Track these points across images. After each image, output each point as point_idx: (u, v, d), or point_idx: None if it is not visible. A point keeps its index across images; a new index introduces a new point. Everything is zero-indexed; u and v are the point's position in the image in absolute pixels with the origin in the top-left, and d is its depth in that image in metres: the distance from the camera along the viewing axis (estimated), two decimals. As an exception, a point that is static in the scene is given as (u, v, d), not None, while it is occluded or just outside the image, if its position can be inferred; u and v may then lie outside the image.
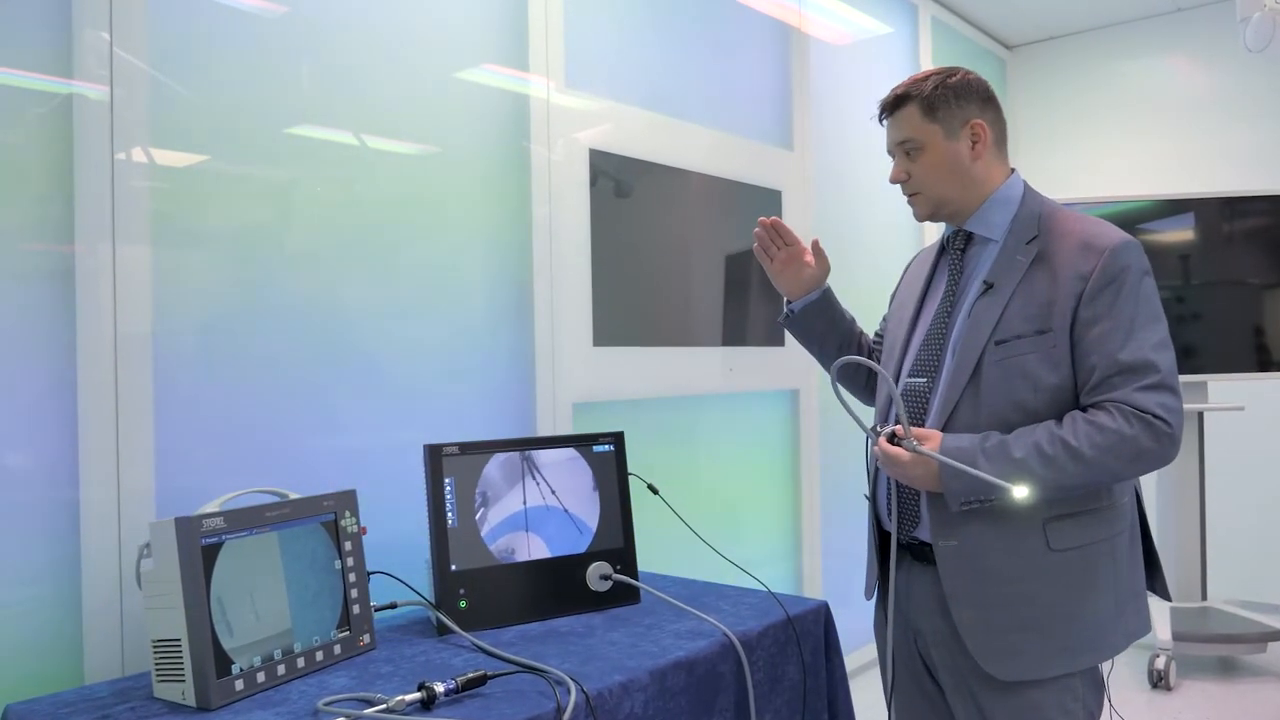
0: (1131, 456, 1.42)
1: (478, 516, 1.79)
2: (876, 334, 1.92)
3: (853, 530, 3.67)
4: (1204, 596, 3.84)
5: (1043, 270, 1.51)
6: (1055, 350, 1.47)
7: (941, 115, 1.57)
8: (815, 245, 1.87)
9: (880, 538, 1.66)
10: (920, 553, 1.58)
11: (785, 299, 1.91)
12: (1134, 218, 3.78)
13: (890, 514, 1.59)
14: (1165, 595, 1.62)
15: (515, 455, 1.85)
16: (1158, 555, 1.61)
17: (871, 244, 3.87)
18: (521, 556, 1.81)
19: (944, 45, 4.47)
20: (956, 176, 1.59)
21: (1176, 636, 3.52)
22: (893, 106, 1.61)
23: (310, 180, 1.97)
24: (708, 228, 2.99)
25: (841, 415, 3.43)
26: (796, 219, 3.31)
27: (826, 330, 1.87)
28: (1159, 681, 3.46)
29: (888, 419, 1.66)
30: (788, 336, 3.24)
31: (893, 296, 1.87)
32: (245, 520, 1.45)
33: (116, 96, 1.65)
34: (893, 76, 4.11)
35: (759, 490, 3.27)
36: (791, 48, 3.42)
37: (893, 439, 1.49)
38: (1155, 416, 1.41)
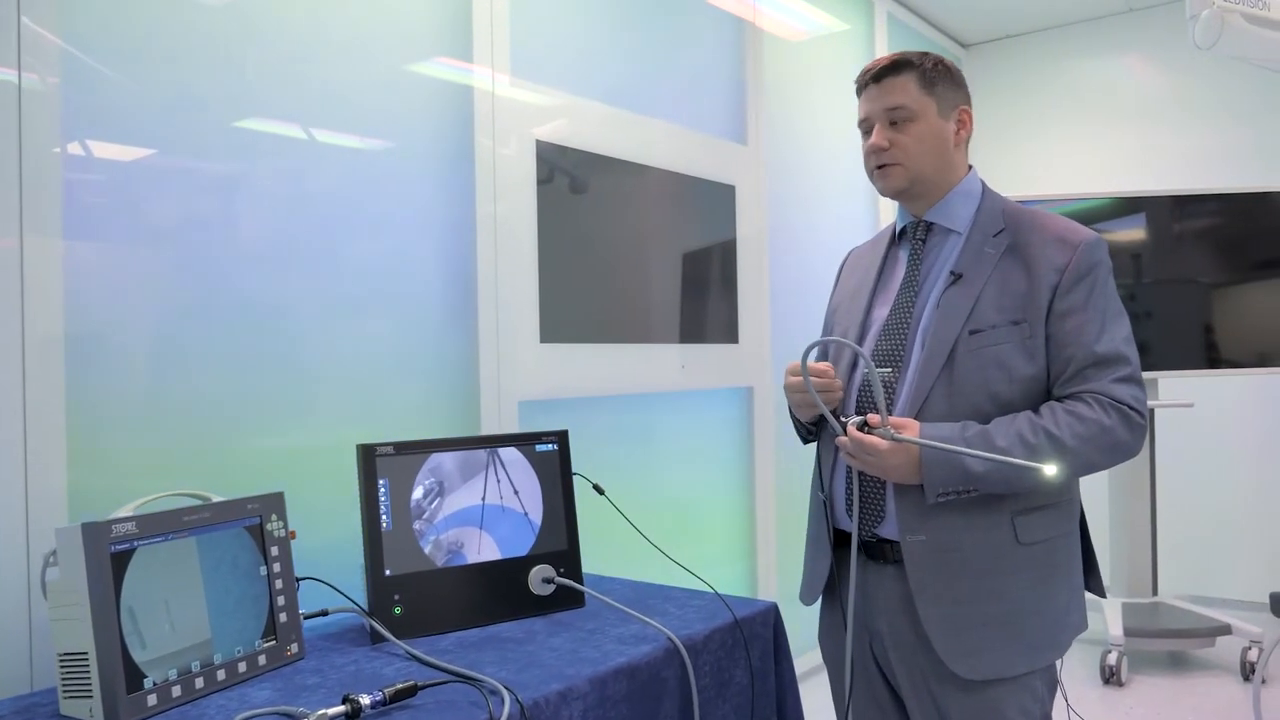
0: (1109, 447, 1.42)
1: (433, 505, 1.72)
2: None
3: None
4: (1154, 592, 3.87)
5: (1015, 262, 1.50)
6: (1031, 340, 1.46)
7: (939, 91, 1.55)
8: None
9: (834, 537, 1.61)
10: (878, 551, 1.54)
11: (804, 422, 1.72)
12: (1087, 216, 3.79)
13: (850, 511, 1.54)
14: (1101, 593, 1.61)
15: (481, 450, 1.80)
16: (1094, 552, 1.60)
17: (824, 240, 3.85)
18: (470, 553, 1.74)
19: (900, 42, 4.46)
20: (939, 156, 1.56)
21: (1128, 632, 3.53)
22: (887, 71, 1.56)
23: (249, 174, 1.89)
24: (662, 223, 2.94)
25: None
26: (750, 214, 3.27)
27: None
28: (1111, 677, 3.47)
29: (850, 410, 1.60)
30: (742, 332, 3.23)
31: (831, 295, 1.83)
32: (160, 525, 1.37)
33: (45, 85, 1.56)
34: (849, 73, 4.10)
35: (713, 489, 3.22)
36: (746, 42, 3.38)
37: (863, 428, 1.45)
38: (1130, 408, 1.43)
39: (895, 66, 1.56)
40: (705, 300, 3.12)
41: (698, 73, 3.19)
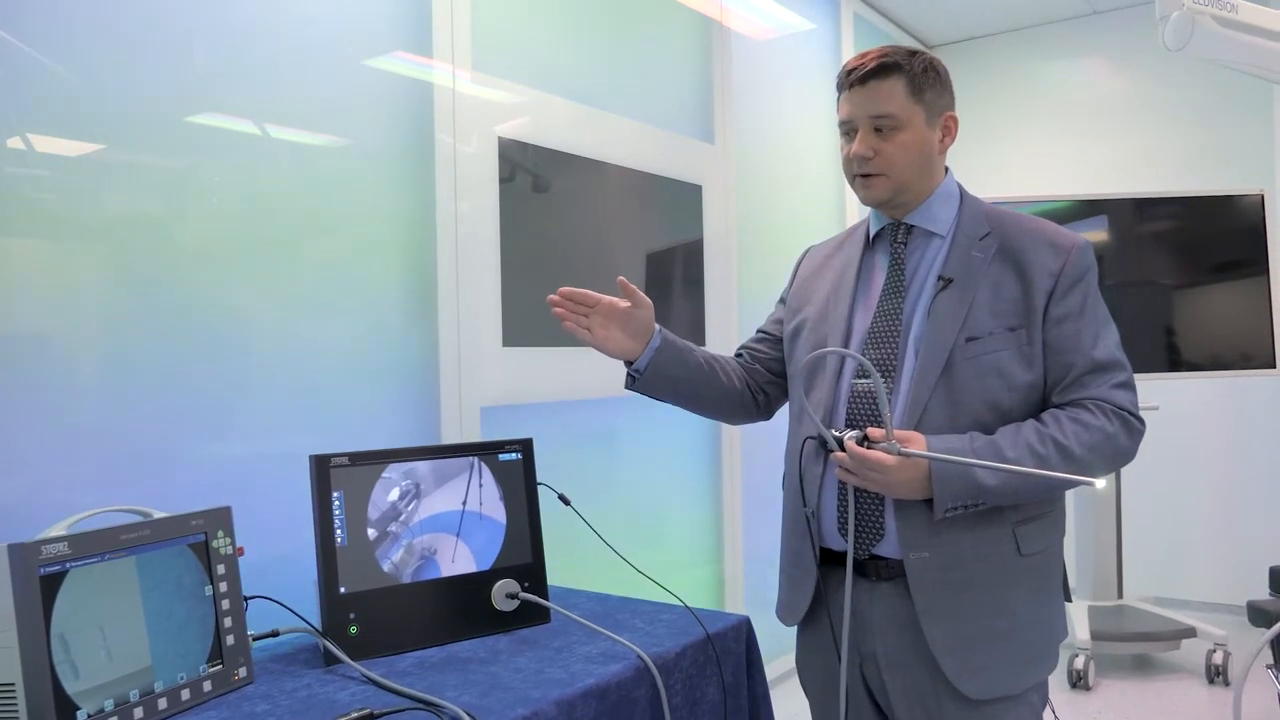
0: (1112, 454, 1.40)
1: (410, 508, 1.65)
2: (761, 332, 1.79)
3: (774, 535, 3.61)
4: (1120, 595, 3.88)
5: (1006, 266, 1.45)
6: (1028, 347, 1.42)
7: (927, 98, 1.48)
8: (622, 285, 1.57)
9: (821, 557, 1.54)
10: (870, 568, 1.48)
11: (625, 363, 1.63)
12: (1049, 218, 3.78)
13: (844, 529, 1.48)
14: (1067, 596, 1.58)
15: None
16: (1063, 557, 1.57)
17: (790, 242, 3.80)
18: (444, 561, 1.67)
19: (866, 42, 4.43)
20: (923, 165, 1.50)
21: (1094, 635, 3.53)
22: (875, 74, 1.46)
23: (198, 170, 1.79)
24: (628, 223, 2.87)
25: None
26: (717, 214, 3.21)
27: (685, 374, 1.63)
28: (1078, 681, 3.46)
29: (839, 422, 1.52)
30: (709, 335, 3.17)
31: (786, 293, 1.76)
32: (95, 544, 1.28)
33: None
34: (814, 72, 4.10)
35: (679, 495, 3.16)
36: (712, 40, 3.32)
37: (862, 443, 1.39)
38: (1130, 414, 1.41)
39: (883, 69, 1.46)
40: (672, 302, 3.06)
41: (663, 71, 3.13)
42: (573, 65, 2.74)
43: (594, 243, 2.74)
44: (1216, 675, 3.53)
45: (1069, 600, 1.57)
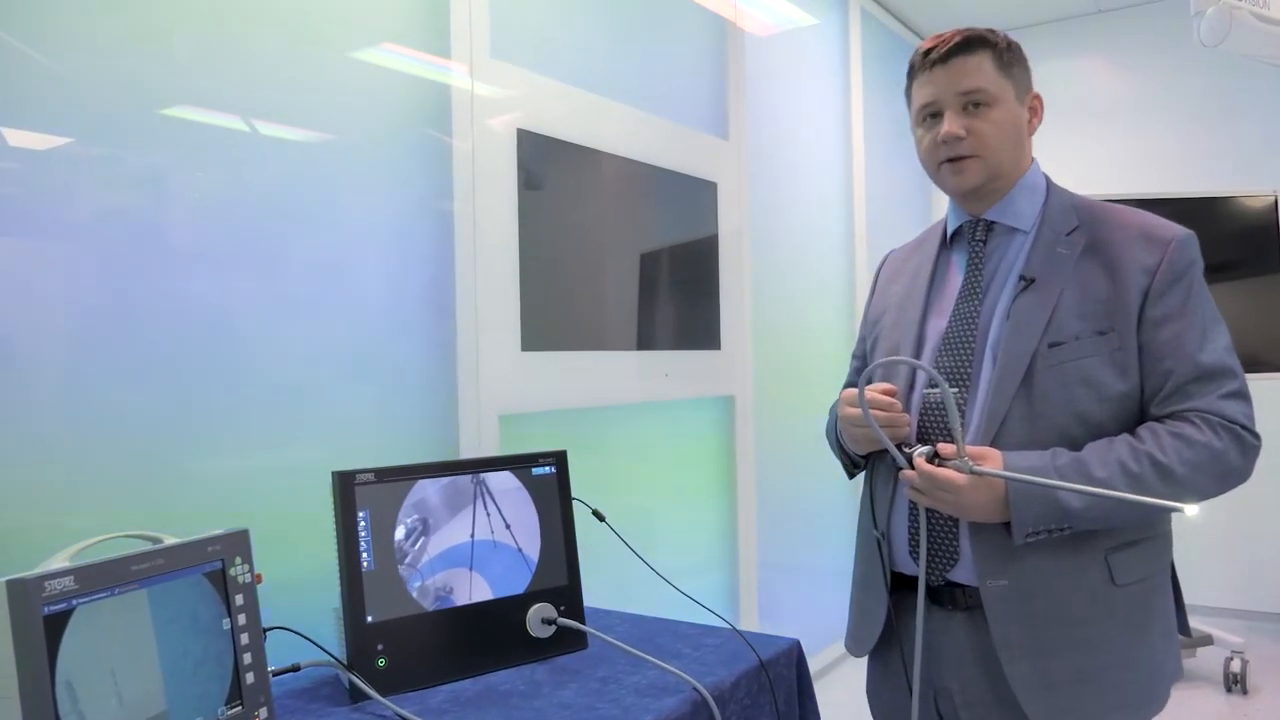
0: (1221, 473, 1.25)
1: (416, 547, 1.51)
2: (855, 360, 1.68)
3: (783, 540, 3.50)
4: (1134, 602, 3.80)
5: (1095, 264, 1.31)
6: (1121, 353, 1.28)
7: (1015, 74, 1.38)
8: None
9: (891, 580, 1.43)
10: (946, 596, 1.36)
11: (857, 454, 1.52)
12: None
13: (915, 553, 1.36)
14: (1186, 631, 1.45)
15: (465, 477, 1.58)
16: (1181, 588, 1.44)
17: (802, 241, 3.71)
18: (461, 599, 1.53)
19: (872, 38, 4.35)
20: (1016, 147, 1.39)
21: (1113, 645, 3.44)
22: (959, 50, 1.36)
23: (188, 165, 1.65)
24: (646, 222, 2.75)
25: (776, 422, 3.22)
26: (732, 210, 3.10)
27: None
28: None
29: (911, 437, 1.39)
30: (724, 337, 3.06)
31: (868, 307, 1.64)
32: (105, 577, 1.14)
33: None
34: (822, 68, 3.99)
35: (692, 500, 3.05)
36: (726, 37, 3.21)
37: (933, 460, 1.27)
38: (1243, 428, 1.26)
39: (968, 44, 1.36)
40: (688, 303, 2.94)
41: (678, 67, 3.01)
42: (589, 61, 2.61)
43: (610, 242, 2.61)
44: (1235, 684, 3.46)
45: (1186, 634, 1.44)
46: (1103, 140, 4.60)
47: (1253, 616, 4.28)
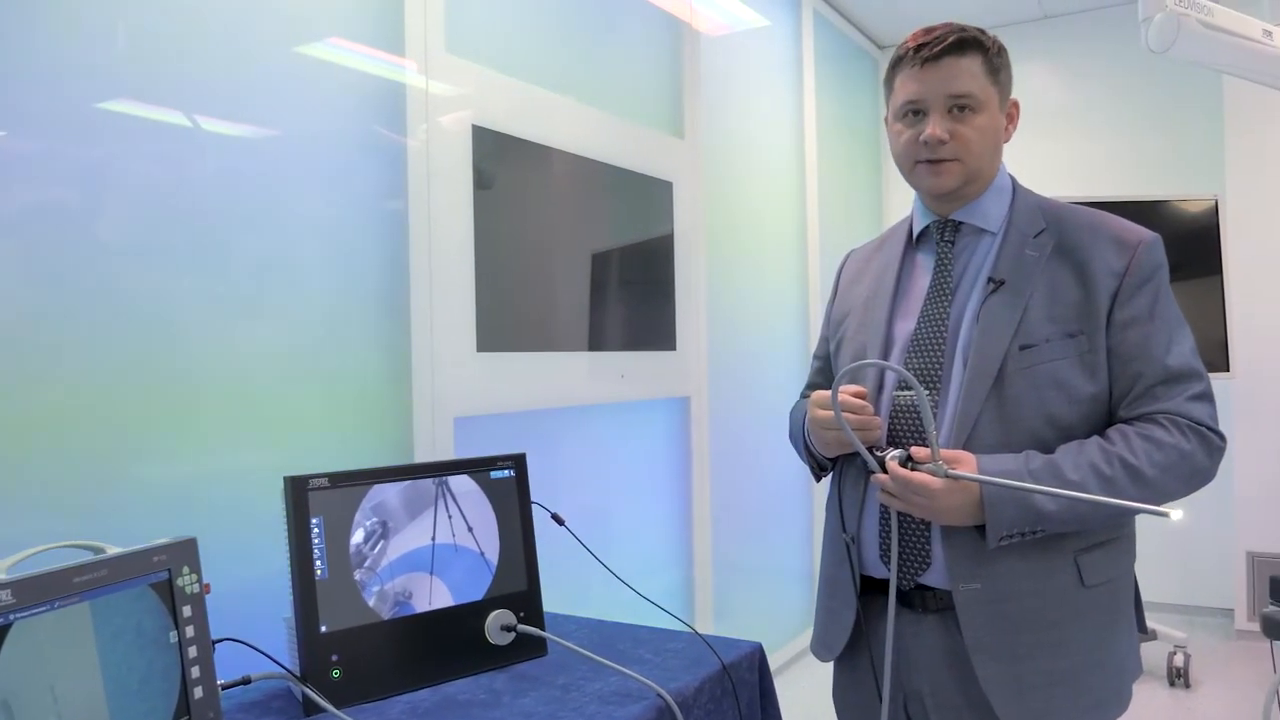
0: (1189, 475, 1.26)
1: (375, 550, 1.46)
2: (817, 360, 1.67)
3: (738, 540, 3.50)
4: (1080, 598, 3.87)
5: (1064, 266, 1.32)
6: (1090, 355, 1.29)
7: (1002, 79, 1.38)
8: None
9: (860, 584, 1.42)
10: (916, 599, 1.35)
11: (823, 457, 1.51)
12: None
13: (885, 557, 1.35)
14: (1144, 629, 1.47)
15: (428, 480, 1.54)
16: (1139, 586, 1.46)
17: (755, 241, 3.71)
18: (420, 604, 1.49)
19: (824, 40, 4.37)
20: (994, 153, 1.39)
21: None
22: (952, 50, 1.33)
23: (126, 159, 1.59)
24: (602, 221, 2.73)
25: (730, 423, 3.21)
26: (687, 210, 3.09)
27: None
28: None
29: (881, 440, 1.38)
30: (680, 337, 3.05)
31: (830, 308, 1.63)
32: (44, 590, 1.08)
33: None
34: (776, 69, 4.00)
35: (647, 500, 3.03)
36: (681, 37, 3.20)
37: (906, 463, 1.26)
38: (1209, 429, 1.27)
39: (961, 45, 1.33)
40: (645, 304, 2.92)
41: (633, 67, 2.99)
42: (545, 58, 2.58)
43: (567, 239, 2.59)
44: (1178, 678, 3.54)
45: (1144, 632, 1.46)
46: (1048, 143, 4.68)
47: (1193, 611, 4.39)
